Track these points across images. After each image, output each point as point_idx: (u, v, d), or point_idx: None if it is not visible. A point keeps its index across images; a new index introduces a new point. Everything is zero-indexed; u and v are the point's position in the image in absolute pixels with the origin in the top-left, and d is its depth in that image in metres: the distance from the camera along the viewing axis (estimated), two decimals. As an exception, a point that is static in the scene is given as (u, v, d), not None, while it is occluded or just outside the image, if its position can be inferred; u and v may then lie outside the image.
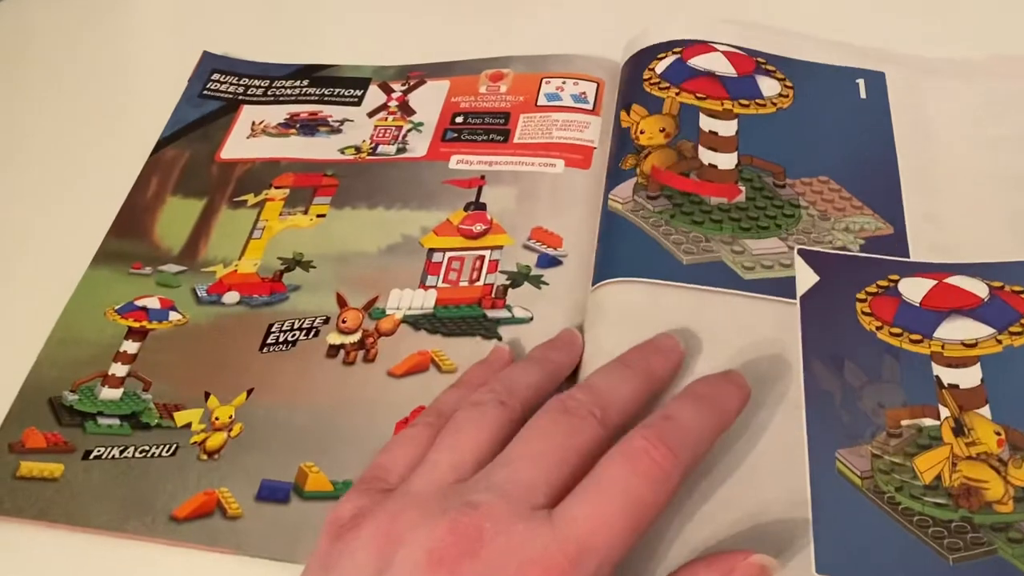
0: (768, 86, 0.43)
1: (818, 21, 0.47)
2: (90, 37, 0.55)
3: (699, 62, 0.44)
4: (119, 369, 0.39)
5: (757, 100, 0.42)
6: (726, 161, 0.40)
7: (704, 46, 0.44)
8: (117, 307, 0.41)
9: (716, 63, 0.43)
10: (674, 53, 0.44)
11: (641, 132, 0.42)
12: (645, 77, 0.44)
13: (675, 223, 0.38)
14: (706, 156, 0.41)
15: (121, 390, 0.38)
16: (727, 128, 0.41)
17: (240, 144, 0.47)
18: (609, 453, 0.27)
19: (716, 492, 0.31)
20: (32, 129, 0.51)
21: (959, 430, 0.32)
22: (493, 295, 0.39)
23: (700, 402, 0.29)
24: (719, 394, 0.30)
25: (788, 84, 0.43)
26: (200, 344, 0.39)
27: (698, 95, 0.42)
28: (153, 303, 0.41)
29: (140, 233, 0.44)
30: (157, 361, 0.39)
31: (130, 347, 0.40)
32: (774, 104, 0.42)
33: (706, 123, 0.42)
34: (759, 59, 0.44)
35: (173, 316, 0.41)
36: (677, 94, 0.42)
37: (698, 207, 0.39)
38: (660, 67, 0.44)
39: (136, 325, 0.40)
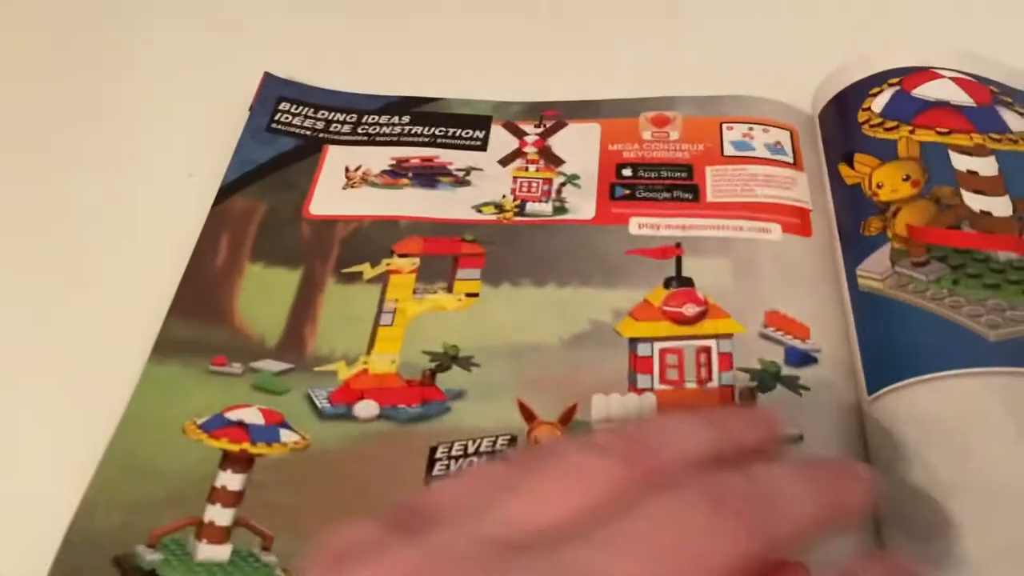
0: (1013, 120, 0.35)
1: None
2: (111, 44, 0.43)
3: (926, 91, 0.36)
4: (220, 514, 0.27)
5: (1008, 135, 0.35)
6: (1001, 206, 0.33)
7: (928, 72, 0.36)
8: (201, 421, 0.30)
9: (947, 91, 0.36)
10: (891, 85, 0.36)
11: (879, 186, 0.34)
12: (862, 120, 0.36)
13: (961, 290, 0.30)
14: (973, 201, 0.33)
15: (229, 546, 0.27)
16: (987, 167, 0.34)
17: (334, 195, 0.36)
18: None
19: None
20: (49, 169, 0.38)
21: None
22: (738, 401, 0.29)
23: None
24: None
25: None
26: (333, 477, 0.28)
27: (939, 129, 0.34)
28: (253, 416, 0.30)
29: (214, 314, 0.33)
30: (271, 503, 0.28)
31: (231, 481, 0.28)
32: None
33: (960, 162, 0.34)
34: (991, 87, 0.37)
35: (286, 436, 0.29)
36: (911, 131, 0.35)
37: (986, 266, 0.31)
38: (878, 104, 0.36)
39: (235, 449, 0.29)
